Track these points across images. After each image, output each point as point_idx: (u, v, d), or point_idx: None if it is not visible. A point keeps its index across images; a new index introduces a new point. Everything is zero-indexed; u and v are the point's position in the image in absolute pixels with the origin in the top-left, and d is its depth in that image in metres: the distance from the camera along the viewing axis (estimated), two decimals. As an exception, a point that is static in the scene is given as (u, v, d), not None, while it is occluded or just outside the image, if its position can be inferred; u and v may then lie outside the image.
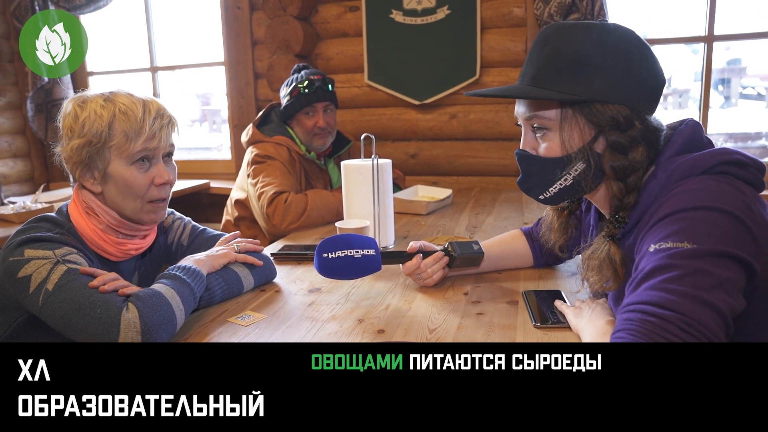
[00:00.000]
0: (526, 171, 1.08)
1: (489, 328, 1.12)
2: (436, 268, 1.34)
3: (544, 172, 1.04)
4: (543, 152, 1.03)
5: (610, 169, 0.98)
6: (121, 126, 1.17)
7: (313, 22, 3.04)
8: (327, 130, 2.30)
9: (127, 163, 1.19)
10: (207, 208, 3.30)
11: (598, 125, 0.97)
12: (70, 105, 1.21)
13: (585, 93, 0.95)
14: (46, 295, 1.05)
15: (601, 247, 1.00)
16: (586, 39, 0.96)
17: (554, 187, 1.04)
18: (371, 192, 1.70)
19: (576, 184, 1.02)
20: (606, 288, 1.01)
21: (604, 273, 0.99)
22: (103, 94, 1.21)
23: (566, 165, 1.01)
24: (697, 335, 0.75)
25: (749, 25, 2.66)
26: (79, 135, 1.17)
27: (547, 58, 0.98)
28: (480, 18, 2.76)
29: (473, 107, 2.87)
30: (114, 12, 3.49)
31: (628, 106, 0.95)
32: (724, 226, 0.83)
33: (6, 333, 1.19)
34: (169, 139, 1.25)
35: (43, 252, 1.10)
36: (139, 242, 1.30)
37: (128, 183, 1.19)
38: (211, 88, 6.12)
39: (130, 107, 1.18)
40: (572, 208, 1.22)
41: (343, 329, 1.13)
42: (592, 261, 1.01)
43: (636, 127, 0.96)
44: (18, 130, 3.57)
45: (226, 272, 1.31)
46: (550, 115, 1.00)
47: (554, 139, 1.01)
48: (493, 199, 2.53)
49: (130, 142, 1.18)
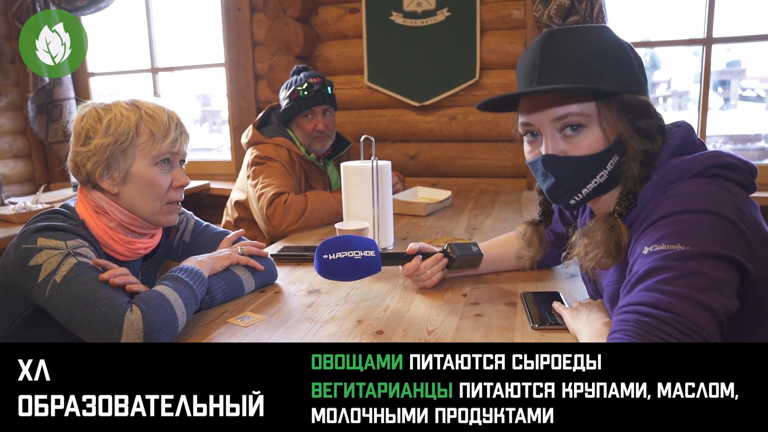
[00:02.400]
0: (560, 176, 1.01)
1: (487, 329, 1.12)
2: (435, 269, 1.34)
3: (582, 172, 1.00)
4: (585, 150, 0.98)
5: (641, 153, 0.97)
6: (148, 127, 1.21)
7: (314, 24, 3.05)
8: (326, 133, 2.30)
9: (150, 163, 1.23)
10: (207, 208, 3.31)
11: (631, 113, 0.97)
12: (88, 108, 1.23)
13: (613, 85, 0.96)
14: (54, 287, 1.06)
15: (605, 223, 0.98)
16: (598, 37, 0.99)
17: (588, 187, 1.01)
18: (371, 193, 1.70)
19: (610, 179, 1.00)
20: (602, 265, 0.99)
21: (608, 248, 0.96)
22: (124, 100, 1.25)
23: (606, 160, 0.98)
24: (693, 335, 0.75)
25: (748, 28, 2.67)
26: (103, 135, 1.19)
27: (564, 58, 0.97)
28: (480, 20, 2.77)
29: (473, 109, 2.87)
30: (115, 13, 3.49)
31: (644, 94, 0.99)
32: (717, 228, 0.84)
33: (10, 328, 1.20)
34: (185, 147, 1.30)
35: (56, 242, 1.11)
36: (147, 241, 1.31)
37: (151, 183, 1.23)
38: (211, 88, 6.13)
39: (156, 111, 1.24)
40: (547, 222, 1.25)
41: (342, 330, 1.14)
42: (592, 237, 0.99)
43: (653, 114, 0.99)
44: (19, 130, 3.58)
45: (227, 275, 1.32)
46: (587, 110, 0.97)
47: (595, 133, 0.98)
48: (493, 200, 2.54)
49: (156, 143, 1.22)
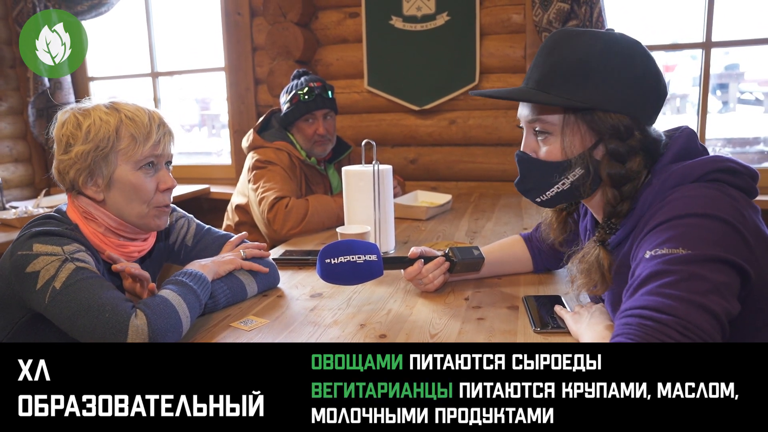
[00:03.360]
0: (524, 173, 1.09)
1: (490, 332, 1.12)
2: (437, 273, 1.34)
3: (543, 175, 1.05)
4: (543, 156, 1.04)
5: (606, 177, 0.99)
6: (128, 131, 1.19)
7: (313, 29, 3.06)
8: (327, 137, 2.31)
9: (134, 168, 1.20)
10: (207, 212, 3.31)
11: (599, 132, 0.98)
12: (67, 114, 1.21)
13: (588, 100, 0.96)
14: (53, 294, 1.05)
15: (591, 252, 1.02)
16: (592, 47, 0.97)
17: (551, 191, 1.06)
18: (372, 198, 1.70)
19: (573, 189, 1.03)
20: (593, 291, 1.03)
21: (593, 276, 1.01)
22: (103, 103, 1.22)
23: (565, 170, 1.02)
24: (695, 338, 0.76)
25: (747, 31, 2.67)
26: (83, 141, 1.17)
27: (553, 64, 0.99)
28: (479, 24, 2.77)
29: (472, 113, 2.88)
30: (115, 18, 3.50)
31: (629, 115, 0.97)
32: (718, 232, 0.85)
33: (9, 334, 1.19)
34: (169, 147, 1.27)
35: (52, 248, 1.10)
36: (140, 244, 1.30)
37: (135, 187, 1.21)
38: (210, 92, 6.14)
39: (136, 113, 1.20)
40: (570, 209, 1.23)
41: (345, 334, 1.14)
42: (582, 264, 1.03)
43: (635, 136, 0.97)
44: (19, 134, 3.58)
45: (230, 279, 1.31)
46: (552, 120, 1.01)
47: (555, 143, 1.02)
48: (493, 204, 2.54)
49: (138, 147, 1.19)
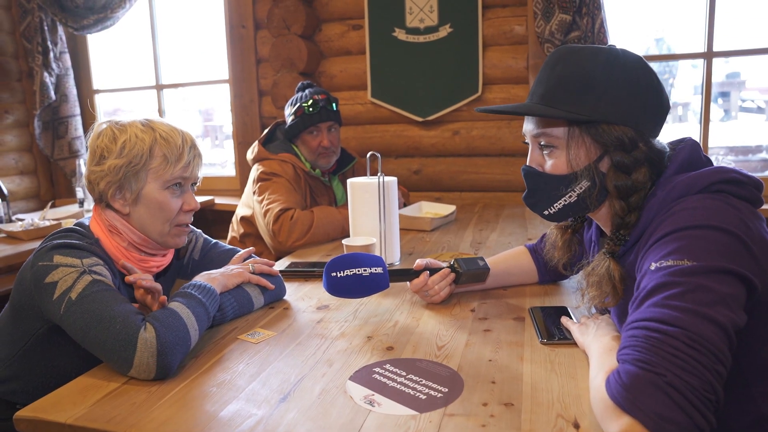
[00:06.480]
0: (531, 186, 1.11)
1: (497, 344, 1.13)
2: (443, 284, 1.35)
3: (550, 189, 1.07)
4: (549, 169, 1.06)
5: (613, 188, 1.00)
6: (161, 150, 1.23)
7: (317, 41, 3.08)
8: (331, 150, 2.33)
9: (161, 187, 1.24)
10: (212, 224, 3.32)
11: (604, 145, 1.00)
12: (104, 126, 1.25)
13: (592, 113, 0.99)
14: (69, 304, 1.08)
15: (601, 264, 1.03)
16: (594, 62, 1.00)
17: (558, 204, 1.07)
18: (377, 210, 1.72)
19: (580, 201, 1.05)
20: (605, 303, 1.04)
21: (604, 288, 1.02)
22: (139, 119, 1.26)
23: (571, 182, 1.04)
24: (702, 350, 0.76)
25: (748, 41, 2.69)
26: (117, 155, 1.21)
27: (557, 78, 1.02)
28: (482, 36, 2.80)
29: (476, 123, 2.90)
30: (120, 31, 3.53)
31: (633, 128, 0.99)
32: (723, 243, 0.86)
33: (26, 345, 1.22)
34: (198, 170, 1.31)
35: (72, 260, 1.13)
36: (160, 260, 1.33)
37: (161, 206, 1.25)
38: (213, 104, 6.16)
39: (171, 134, 1.25)
40: (576, 227, 1.24)
41: (353, 346, 1.15)
42: (592, 277, 1.04)
43: (640, 148, 0.99)
44: (25, 147, 3.61)
45: (238, 292, 1.33)
46: (557, 133, 1.03)
47: (561, 156, 1.04)
48: (497, 215, 2.55)
49: (169, 167, 1.24)
